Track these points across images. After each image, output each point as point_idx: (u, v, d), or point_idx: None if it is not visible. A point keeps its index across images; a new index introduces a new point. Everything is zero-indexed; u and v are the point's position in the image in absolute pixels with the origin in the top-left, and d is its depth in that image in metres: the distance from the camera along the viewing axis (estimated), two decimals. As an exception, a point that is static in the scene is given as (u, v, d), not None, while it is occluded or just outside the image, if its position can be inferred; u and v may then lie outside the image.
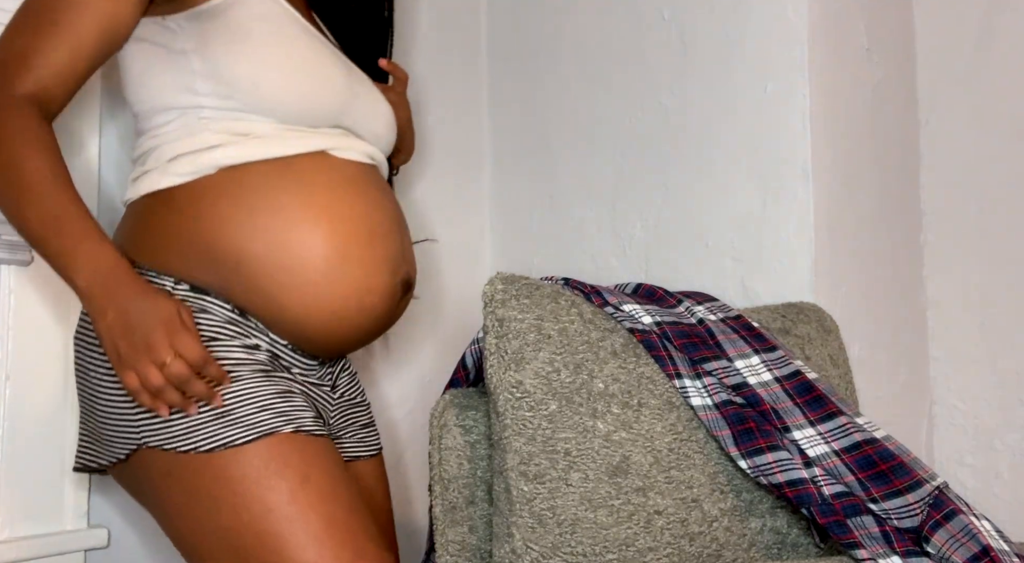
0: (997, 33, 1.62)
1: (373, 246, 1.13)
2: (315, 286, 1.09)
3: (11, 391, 1.25)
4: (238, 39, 1.08)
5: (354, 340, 1.17)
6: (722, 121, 1.53)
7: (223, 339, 1.07)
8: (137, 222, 1.12)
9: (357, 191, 1.14)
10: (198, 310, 1.07)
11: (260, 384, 1.06)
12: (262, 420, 1.03)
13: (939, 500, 1.04)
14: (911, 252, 1.67)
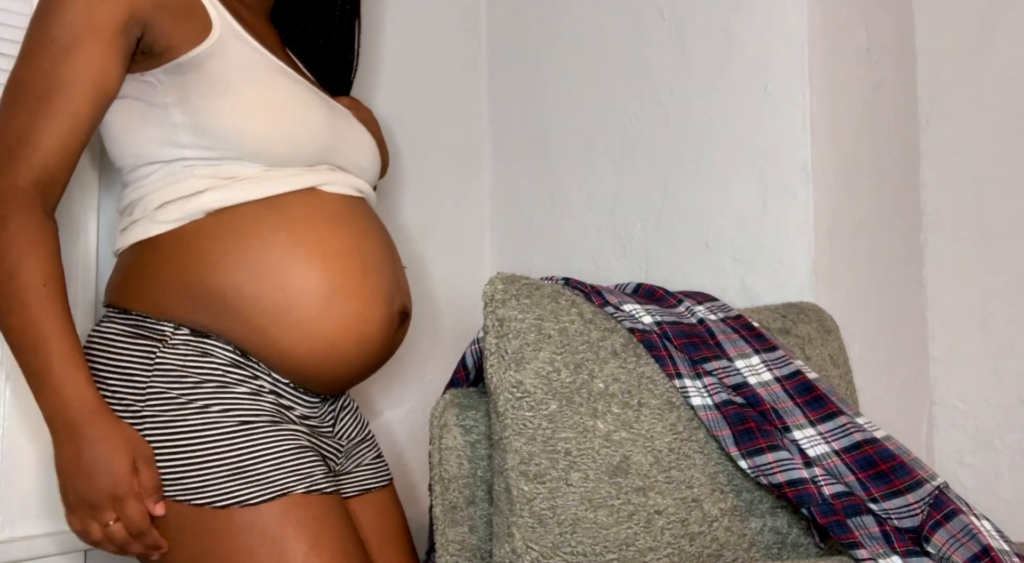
0: (997, 33, 1.62)
1: (367, 278, 1.13)
2: (312, 322, 1.08)
3: (11, 391, 1.25)
4: (217, 90, 1.07)
5: (356, 374, 1.17)
6: (722, 121, 1.53)
7: (230, 384, 1.06)
8: (130, 269, 1.11)
9: (347, 225, 1.14)
10: (199, 354, 1.07)
11: (274, 438, 1.05)
12: (277, 479, 1.02)
13: (939, 500, 1.04)
14: (911, 252, 1.67)
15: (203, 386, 1.05)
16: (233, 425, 1.04)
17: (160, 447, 1.02)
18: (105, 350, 1.08)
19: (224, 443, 1.03)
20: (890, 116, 1.63)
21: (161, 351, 1.06)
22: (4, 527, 1.24)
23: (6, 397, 1.25)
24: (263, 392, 1.09)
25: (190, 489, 1.01)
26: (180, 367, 1.05)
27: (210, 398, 1.05)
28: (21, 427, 1.26)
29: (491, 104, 1.96)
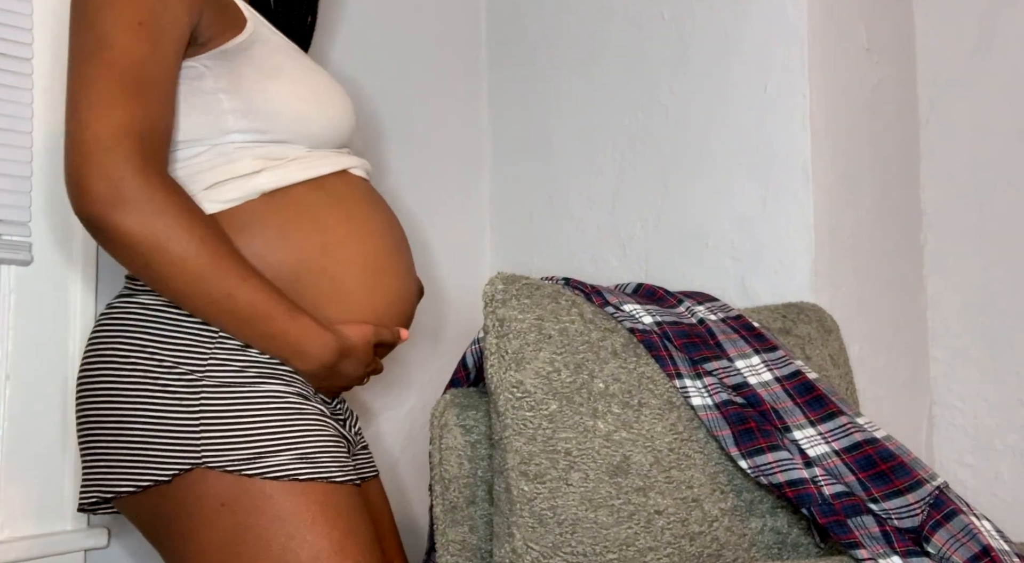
0: (997, 33, 1.62)
1: (398, 256, 1.19)
2: (361, 298, 1.13)
3: (11, 391, 1.25)
4: (270, 75, 1.11)
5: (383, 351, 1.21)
6: (722, 121, 1.53)
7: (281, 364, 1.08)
8: None
9: (376, 206, 1.19)
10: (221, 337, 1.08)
11: (322, 423, 1.07)
12: (324, 462, 1.04)
13: (939, 500, 1.04)
14: (911, 252, 1.67)
15: (262, 359, 1.06)
16: (287, 400, 1.05)
17: (217, 417, 1.01)
18: (151, 318, 1.06)
19: (279, 416, 1.03)
20: (890, 116, 1.63)
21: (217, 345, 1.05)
22: (4, 527, 1.24)
23: (6, 397, 1.25)
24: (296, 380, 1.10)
25: (242, 459, 1.00)
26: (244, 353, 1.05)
27: (268, 372, 1.05)
28: (21, 427, 1.26)
29: (491, 104, 1.96)
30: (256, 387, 1.04)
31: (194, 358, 1.03)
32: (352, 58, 1.71)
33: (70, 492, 1.30)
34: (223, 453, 1.00)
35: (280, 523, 0.99)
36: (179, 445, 1.00)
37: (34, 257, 1.28)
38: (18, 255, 1.26)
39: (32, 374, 1.27)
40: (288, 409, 1.04)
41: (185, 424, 1.01)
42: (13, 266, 1.27)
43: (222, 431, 1.01)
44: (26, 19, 1.28)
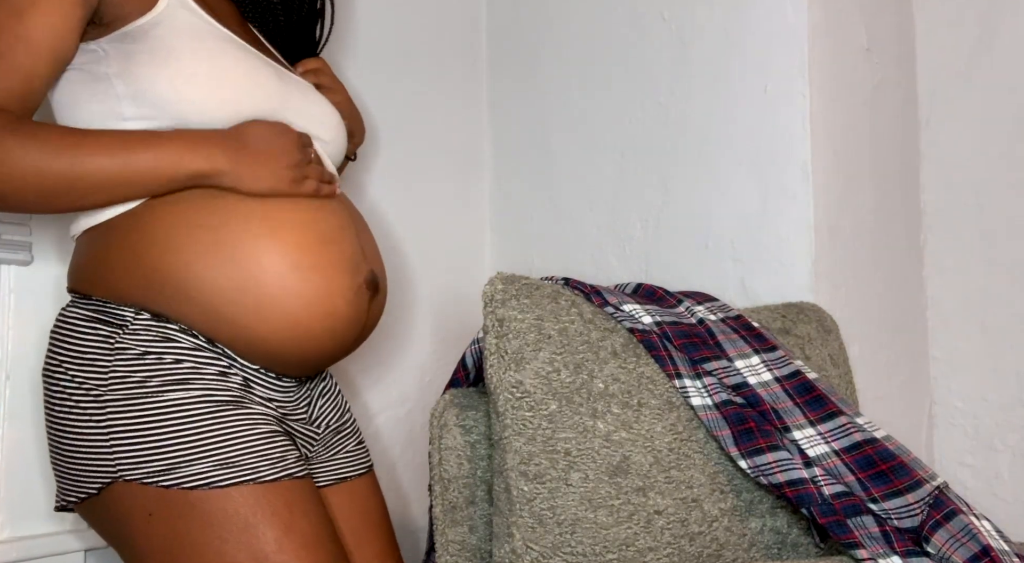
0: (997, 33, 1.62)
1: (325, 249, 1.09)
2: (272, 300, 1.05)
3: (11, 391, 1.25)
4: (160, 59, 1.05)
5: (326, 352, 1.13)
6: (722, 121, 1.53)
7: (197, 366, 1.04)
8: (88, 254, 1.09)
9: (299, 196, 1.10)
10: (162, 339, 1.04)
11: (244, 421, 1.03)
12: (247, 463, 1.01)
13: (939, 500, 1.04)
14: (911, 252, 1.67)
15: (166, 368, 1.02)
16: (199, 406, 1.02)
17: (124, 430, 1.00)
18: (68, 335, 1.06)
19: (191, 423, 1.00)
20: (890, 116, 1.63)
21: (122, 336, 1.04)
22: (4, 527, 1.24)
23: (6, 397, 1.25)
24: (230, 374, 1.06)
25: (157, 471, 0.99)
26: (142, 351, 1.03)
27: (174, 379, 1.02)
28: (21, 427, 1.26)
29: (491, 105, 1.96)
30: (161, 398, 1.01)
31: (96, 374, 1.03)
32: (353, 60, 1.71)
33: (70, 492, 1.30)
34: (137, 466, 0.99)
35: (211, 528, 0.98)
36: (96, 460, 1.01)
37: (34, 257, 1.28)
38: (18, 255, 1.26)
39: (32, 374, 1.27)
40: (198, 416, 1.01)
41: (97, 440, 1.01)
42: (13, 266, 1.27)
43: (132, 444, 1.00)
44: (26, 19, 1.27)
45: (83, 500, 1.04)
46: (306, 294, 1.06)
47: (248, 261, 1.04)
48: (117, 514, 1.02)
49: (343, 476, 1.24)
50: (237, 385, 1.06)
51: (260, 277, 1.04)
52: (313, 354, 1.11)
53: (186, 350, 1.05)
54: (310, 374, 1.19)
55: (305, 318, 1.07)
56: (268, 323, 1.05)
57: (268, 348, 1.07)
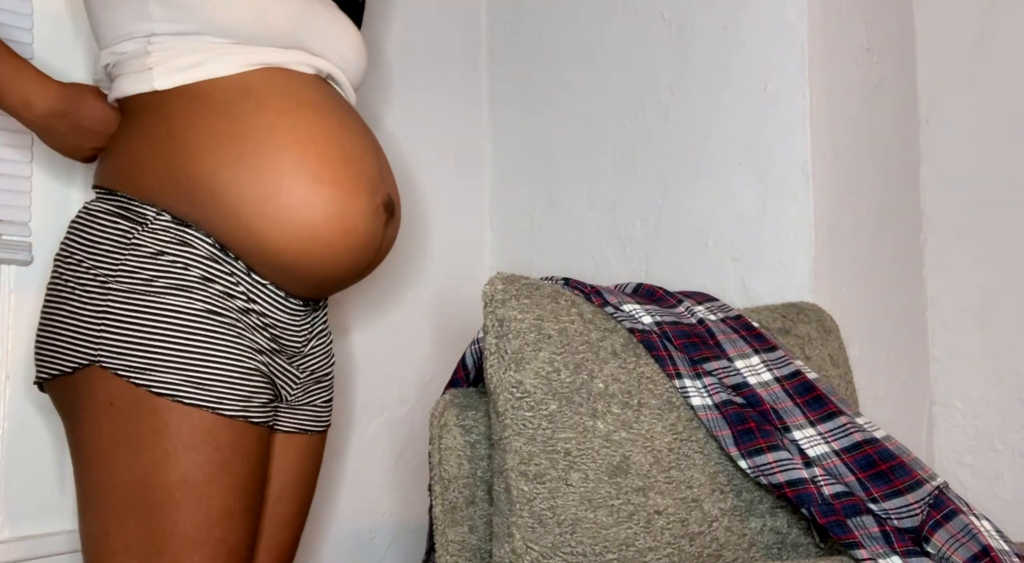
0: (997, 33, 1.62)
1: (348, 166, 1.09)
2: (293, 210, 1.05)
3: (11, 391, 1.25)
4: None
5: (342, 270, 1.12)
6: (722, 121, 1.53)
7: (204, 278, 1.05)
8: (114, 150, 1.12)
9: (323, 111, 1.11)
10: (178, 242, 1.05)
11: (228, 349, 1.05)
12: (217, 392, 1.03)
13: (939, 500, 1.04)
14: (911, 252, 1.67)
15: (175, 272, 1.04)
16: (195, 318, 1.03)
17: (118, 320, 1.02)
18: (87, 226, 1.08)
19: (182, 333, 1.02)
20: (890, 116, 1.63)
21: (140, 233, 1.05)
22: (4, 527, 1.24)
23: (6, 397, 1.25)
24: (235, 294, 1.07)
25: (134, 367, 1.01)
26: (156, 250, 1.04)
27: (180, 285, 1.04)
28: (21, 427, 1.26)
29: (491, 105, 1.96)
30: (161, 299, 1.02)
31: (107, 264, 1.04)
32: (352, 58, 1.71)
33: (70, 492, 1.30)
34: (117, 356, 1.01)
35: (159, 438, 1.00)
36: (81, 341, 1.03)
37: (34, 257, 1.28)
38: (18, 255, 1.26)
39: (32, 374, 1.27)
40: (189, 327, 1.02)
41: (89, 323, 1.03)
42: (13, 266, 1.27)
43: (119, 335, 1.01)
44: (26, 19, 1.28)
45: (55, 377, 1.06)
46: (326, 208, 1.07)
47: (271, 172, 1.05)
48: (81, 398, 1.04)
49: (304, 428, 1.22)
50: (236, 308, 1.07)
51: (282, 188, 1.05)
52: (328, 271, 1.11)
53: (200, 258, 1.06)
54: (320, 296, 1.19)
55: (324, 232, 1.07)
56: (287, 234, 1.06)
57: (284, 261, 1.07)
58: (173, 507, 1.00)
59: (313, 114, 1.09)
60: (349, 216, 1.08)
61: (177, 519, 1.00)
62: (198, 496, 1.01)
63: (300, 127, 1.07)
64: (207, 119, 1.06)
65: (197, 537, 1.01)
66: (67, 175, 1.34)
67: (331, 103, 1.13)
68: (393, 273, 1.75)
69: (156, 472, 1.00)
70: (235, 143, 1.05)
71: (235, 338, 1.06)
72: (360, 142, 1.13)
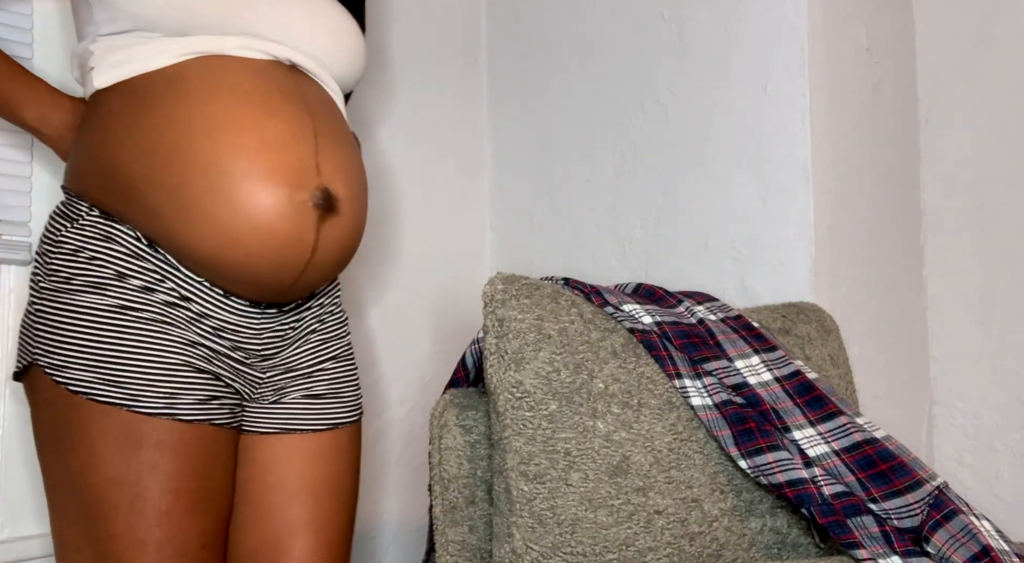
0: (997, 33, 1.62)
1: (263, 157, 1.01)
2: (200, 205, 1.00)
3: (11, 391, 1.25)
4: None
5: (266, 271, 1.04)
6: (722, 121, 1.53)
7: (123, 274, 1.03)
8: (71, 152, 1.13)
9: (249, 97, 1.04)
10: (102, 238, 1.03)
11: (147, 346, 1.01)
12: (131, 389, 1.00)
13: (939, 500, 1.04)
14: (911, 252, 1.67)
15: (91, 268, 1.02)
16: (107, 315, 1.01)
17: (44, 320, 1.03)
18: (46, 228, 1.10)
19: (93, 330, 1.01)
20: (890, 116, 1.63)
21: (67, 230, 1.05)
22: (4, 527, 1.24)
23: (6, 397, 1.25)
24: (158, 289, 1.03)
25: (55, 365, 1.01)
26: (78, 248, 1.03)
27: (94, 282, 1.02)
28: (21, 427, 1.26)
29: (491, 104, 1.96)
30: (77, 297, 1.02)
31: (41, 262, 1.07)
32: (352, 58, 1.70)
33: (70, 492, 1.30)
34: (45, 355, 1.02)
35: (84, 436, 1.00)
36: (25, 340, 1.06)
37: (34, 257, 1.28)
38: (18, 255, 1.26)
39: (32, 374, 1.27)
40: (100, 324, 1.01)
41: (26, 324, 1.07)
42: (13, 266, 1.27)
43: (46, 334, 1.02)
44: (26, 19, 1.28)
45: (18, 373, 1.09)
46: (232, 203, 1.00)
47: (181, 164, 1.00)
48: (29, 395, 1.07)
49: (288, 428, 1.16)
50: (160, 302, 1.03)
51: (190, 181, 1.00)
52: (249, 272, 1.04)
53: (119, 254, 1.03)
54: (270, 300, 1.11)
55: (232, 229, 1.00)
56: (196, 230, 1.01)
57: (202, 259, 1.03)
58: (108, 507, 0.99)
59: (233, 101, 1.03)
60: (258, 211, 1.00)
61: (112, 520, 0.99)
62: (130, 496, 0.99)
63: (215, 116, 1.02)
64: (134, 113, 1.04)
65: (135, 539, 0.98)
66: (67, 175, 1.34)
67: (267, 89, 1.06)
68: (393, 273, 1.75)
69: (86, 472, 0.99)
70: (153, 135, 1.02)
71: (155, 333, 1.02)
72: (290, 131, 1.04)
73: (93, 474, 0.99)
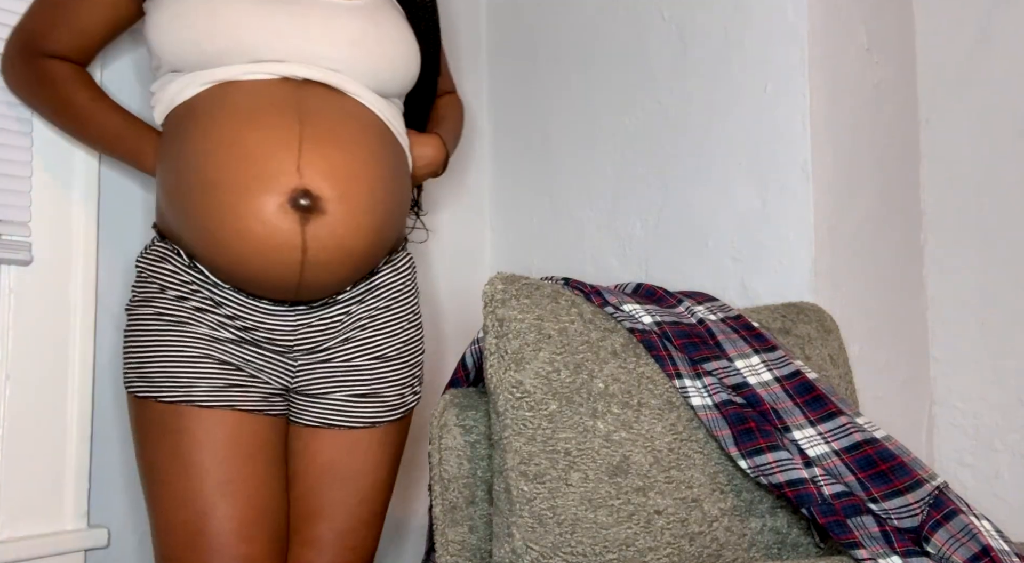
0: (997, 33, 1.62)
1: (241, 168, 1.09)
2: (194, 218, 1.11)
3: (11, 391, 1.25)
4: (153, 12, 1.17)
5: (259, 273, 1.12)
6: (722, 121, 1.53)
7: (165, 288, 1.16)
8: None
9: (240, 116, 1.12)
10: (159, 259, 1.17)
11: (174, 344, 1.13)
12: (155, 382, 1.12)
13: (939, 500, 1.04)
14: (911, 252, 1.67)
15: (146, 286, 1.17)
16: (147, 324, 1.15)
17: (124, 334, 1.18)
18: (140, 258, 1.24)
19: (139, 338, 1.15)
20: (890, 116, 1.63)
21: (142, 256, 1.20)
22: (4, 527, 1.24)
23: (6, 397, 1.25)
24: (190, 298, 1.15)
25: (124, 370, 1.17)
26: (142, 270, 1.19)
27: (144, 297, 1.16)
28: (21, 427, 1.26)
29: (491, 104, 1.96)
30: (134, 312, 1.17)
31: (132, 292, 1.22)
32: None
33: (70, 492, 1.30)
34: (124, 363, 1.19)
35: (138, 429, 1.15)
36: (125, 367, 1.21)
37: (34, 257, 1.28)
38: (18, 255, 1.26)
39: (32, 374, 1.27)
40: (144, 333, 1.14)
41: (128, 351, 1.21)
42: (13, 266, 1.27)
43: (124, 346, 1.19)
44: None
45: None
46: (218, 213, 1.09)
47: (188, 183, 1.12)
48: None
49: (329, 422, 1.24)
50: (191, 308, 1.15)
51: (194, 197, 1.11)
52: (247, 273, 1.12)
53: (166, 271, 1.17)
54: (291, 298, 1.18)
55: (222, 237, 1.10)
56: (198, 241, 1.12)
57: (215, 268, 1.14)
58: (152, 489, 1.12)
59: (226, 119, 1.12)
60: (238, 218, 1.09)
61: (155, 501, 1.12)
62: (162, 479, 1.11)
63: (207, 135, 1.12)
64: (169, 142, 1.17)
65: (166, 519, 1.11)
66: (67, 175, 1.34)
67: (258, 104, 1.13)
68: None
69: (141, 458, 1.14)
70: (177, 159, 1.14)
71: (179, 333, 1.13)
72: (270, 139, 1.11)
73: (142, 459, 1.14)
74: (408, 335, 1.30)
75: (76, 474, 1.30)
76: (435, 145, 1.36)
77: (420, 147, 1.34)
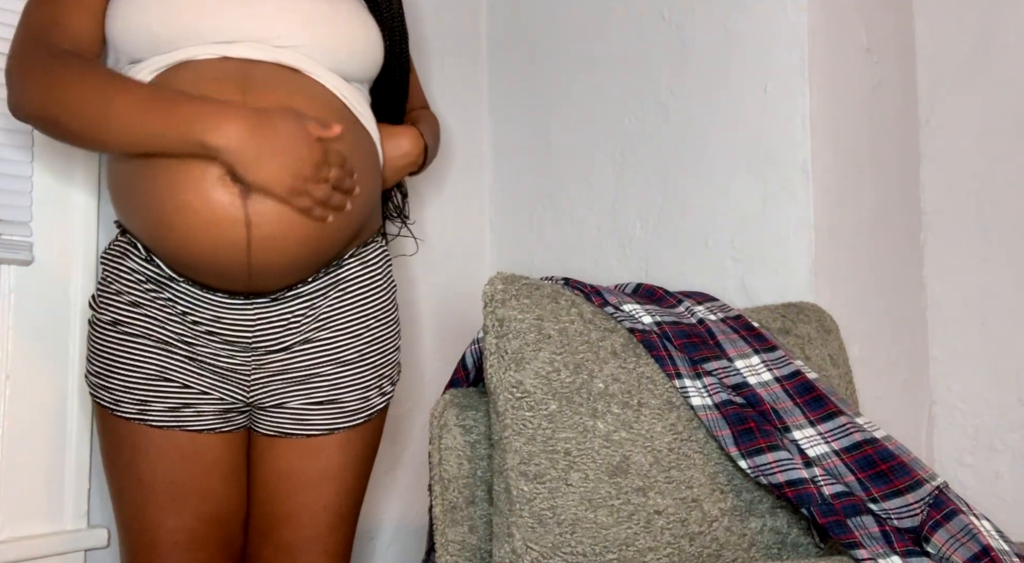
0: (997, 33, 1.62)
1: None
2: (136, 195, 1.09)
3: (11, 391, 1.25)
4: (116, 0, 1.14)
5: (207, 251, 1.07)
6: (722, 121, 1.53)
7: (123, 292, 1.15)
8: None
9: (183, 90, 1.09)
10: (118, 255, 1.16)
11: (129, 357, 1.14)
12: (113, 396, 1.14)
13: (939, 500, 1.04)
14: (911, 252, 1.67)
15: (107, 291, 1.16)
16: (104, 329, 1.15)
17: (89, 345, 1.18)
18: None
19: (96, 344, 1.16)
20: (890, 116, 1.63)
21: (103, 254, 1.19)
22: (4, 527, 1.24)
23: (6, 397, 1.25)
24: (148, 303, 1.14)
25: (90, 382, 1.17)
26: (104, 269, 1.18)
27: (103, 301, 1.16)
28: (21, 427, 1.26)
29: (491, 104, 1.96)
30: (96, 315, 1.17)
31: None
32: (352, 58, 1.70)
33: (70, 492, 1.30)
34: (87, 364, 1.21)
35: (98, 432, 1.18)
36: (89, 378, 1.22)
37: (34, 257, 1.28)
38: (18, 255, 1.26)
39: (32, 374, 1.27)
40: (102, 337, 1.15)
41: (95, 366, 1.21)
42: (13, 266, 1.27)
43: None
44: (26, 19, 1.28)
45: None
46: (155, 191, 1.06)
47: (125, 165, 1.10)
48: None
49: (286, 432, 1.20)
50: (144, 316, 1.14)
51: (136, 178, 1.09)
52: (195, 256, 1.08)
53: (124, 269, 1.16)
54: (238, 287, 1.13)
55: (163, 215, 1.06)
56: (144, 224, 1.10)
57: (159, 249, 1.11)
58: (112, 494, 1.16)
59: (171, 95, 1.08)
60: (178, 193, 1.05)
61: (115, 506, 1.16)
62: (119, 487, 1.15)
63: None
64: None
65: (126, 526, 1.15)
66: (67, 175, 1.34)
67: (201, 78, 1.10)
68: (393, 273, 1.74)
69: (104, 460, 1.18)
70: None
71: (137, 349, 1.14)
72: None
73: (103, 463, 1.17)
74: (374, 334, 1.23)
75: (76, 474, 1.30)
76: (411, 136, 1.30)
77: (394, 137, 1.28)
